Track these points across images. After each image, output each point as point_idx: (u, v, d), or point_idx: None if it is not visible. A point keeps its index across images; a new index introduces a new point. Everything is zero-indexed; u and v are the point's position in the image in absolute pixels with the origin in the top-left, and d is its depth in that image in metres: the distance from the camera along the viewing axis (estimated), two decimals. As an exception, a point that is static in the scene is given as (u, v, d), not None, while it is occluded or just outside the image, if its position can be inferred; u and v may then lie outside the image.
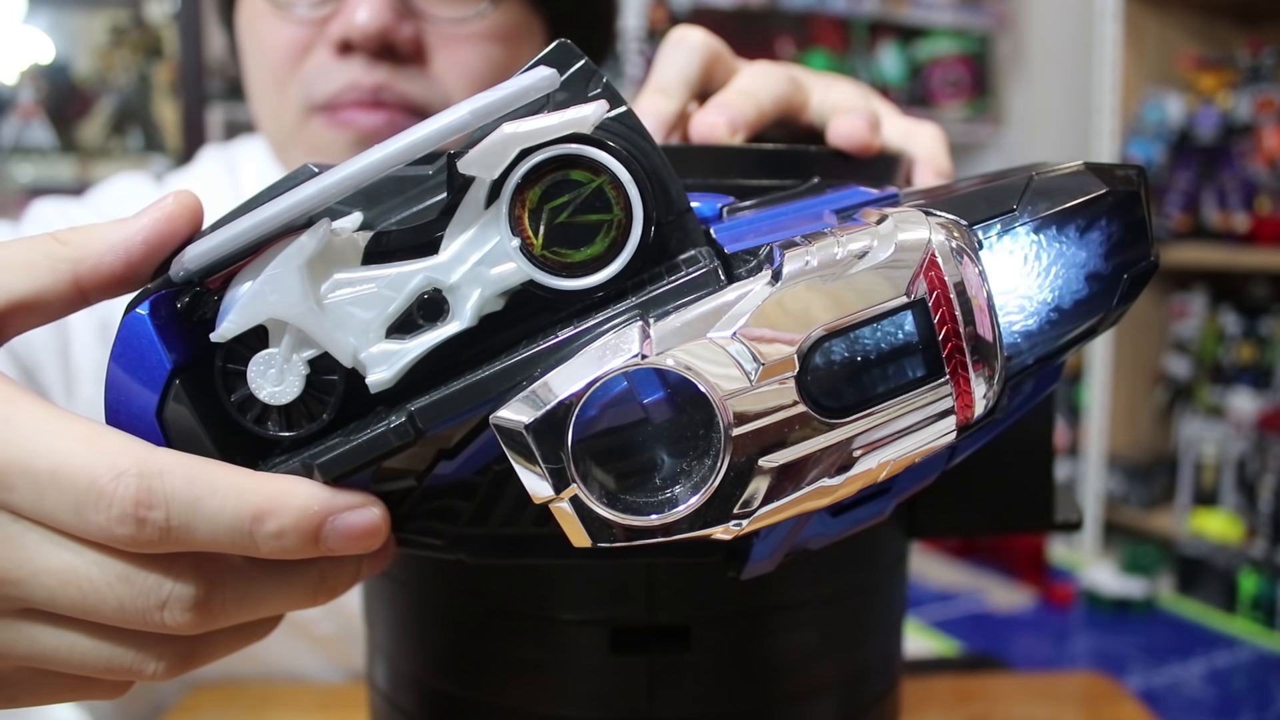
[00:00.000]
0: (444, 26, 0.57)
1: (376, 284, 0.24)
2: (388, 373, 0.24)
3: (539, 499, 0.23)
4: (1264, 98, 2.24)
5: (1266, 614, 2.11)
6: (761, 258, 0.24)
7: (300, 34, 0.57)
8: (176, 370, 0.24)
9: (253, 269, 0.24)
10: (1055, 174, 0.26)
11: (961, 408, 0.23)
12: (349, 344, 0.24)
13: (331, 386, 0.25)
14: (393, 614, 0.36)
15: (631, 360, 0.22)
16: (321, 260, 0.24)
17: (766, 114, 0.36)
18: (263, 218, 0.23)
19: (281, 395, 0.24)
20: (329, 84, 0.57)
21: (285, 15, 0.57)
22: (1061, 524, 0.36)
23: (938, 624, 2.11)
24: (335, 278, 0.24)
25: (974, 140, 2.84)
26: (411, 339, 0.24)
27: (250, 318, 0.24)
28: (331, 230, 0.24)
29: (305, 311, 0.24)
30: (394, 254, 0.25)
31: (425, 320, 0.24)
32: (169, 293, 0.25)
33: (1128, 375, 2.47)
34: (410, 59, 0.57)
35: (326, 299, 0.24)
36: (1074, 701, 0.67)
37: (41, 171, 2.26)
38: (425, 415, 0.23)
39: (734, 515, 0.23)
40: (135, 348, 0.24)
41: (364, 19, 0.54)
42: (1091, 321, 0.26)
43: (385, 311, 0.24)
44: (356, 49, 0.56)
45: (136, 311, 0.24)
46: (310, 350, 0.24)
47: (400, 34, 0.56)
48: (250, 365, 0.24)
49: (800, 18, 2.63)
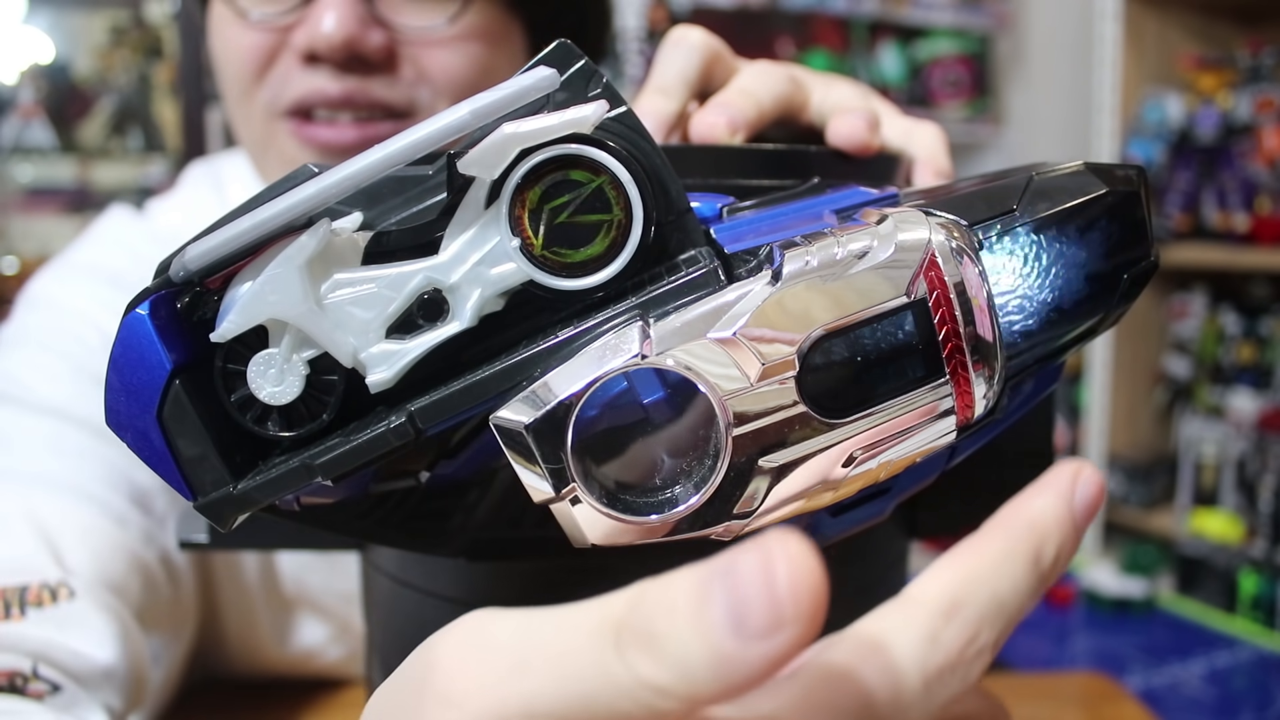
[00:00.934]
0: (412, 34, 0.55)
1: (376, 284, 0.24)
2: (387, 373, 0.24)
3: (539, 499, 0.23)
4: (1264, 98, 2.24)
5: (1266, 614, 2.11)
6: (761, 258, 0.24)
7: (264, 41, 0.55)
8: (176, 371, 0.24)
9: (253, 269, 0.24)
10: (1055, 174, 0.26)
11: (961, 408, 0.23)
12: (349, 344, 0.24)
13: (332, 386, 0.25)
14: (393, 614, 0.36)
15: (631, 360, 0.22)
16: (321, 260, 0.24)
17: (766, 114, 0.36)
18: (263, 218, 0.23)
19: (281, 395, 0.24)
20: (294, 90, 0.55)
21: (247, 22, 0.56)
22: (1061, 524, 0.36)
23: (938, 624, 2.11)
24: (335, 278, 0.24)
25: (974, 140, 2.84)
26: (411, 339, 0.24)
27: (250, 318, 0.24)
28: (331, 230, 0.24)
29: (305, 312, 0.24)
30: (394, 254, 0.25)
31: (425, 320, 0.24)
32: (169, 293, 0.25)
33: (1128, 375, 2.47)
34: (380, 67, 0.55)
35: (326, 299, 0.24)
36: (1074, 701, 0.67)
37: (41, 171, 2.27)
38: (425, 415, 0.23)
39: (734, 515, 0.23)
40: (135, 348, 0.24)
41: (329, 29, 0.52)
42: (1091, 321, 0.26)
43: (385, 312, 0.24)
44: (323, 59, 0.54)
45: (136, 312, 0.24)
46: (310, 350, 0.24)
47: (368, 43, 0.54)
48: (250, 365, 0.24)
49: (800, 18, 2.63)
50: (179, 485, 0.24)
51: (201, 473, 0.24)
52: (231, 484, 0.24)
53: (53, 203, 2.26)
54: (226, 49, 0.57)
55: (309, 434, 0.25)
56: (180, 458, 0.24)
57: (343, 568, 0.64)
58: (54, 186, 2.30)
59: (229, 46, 0.57)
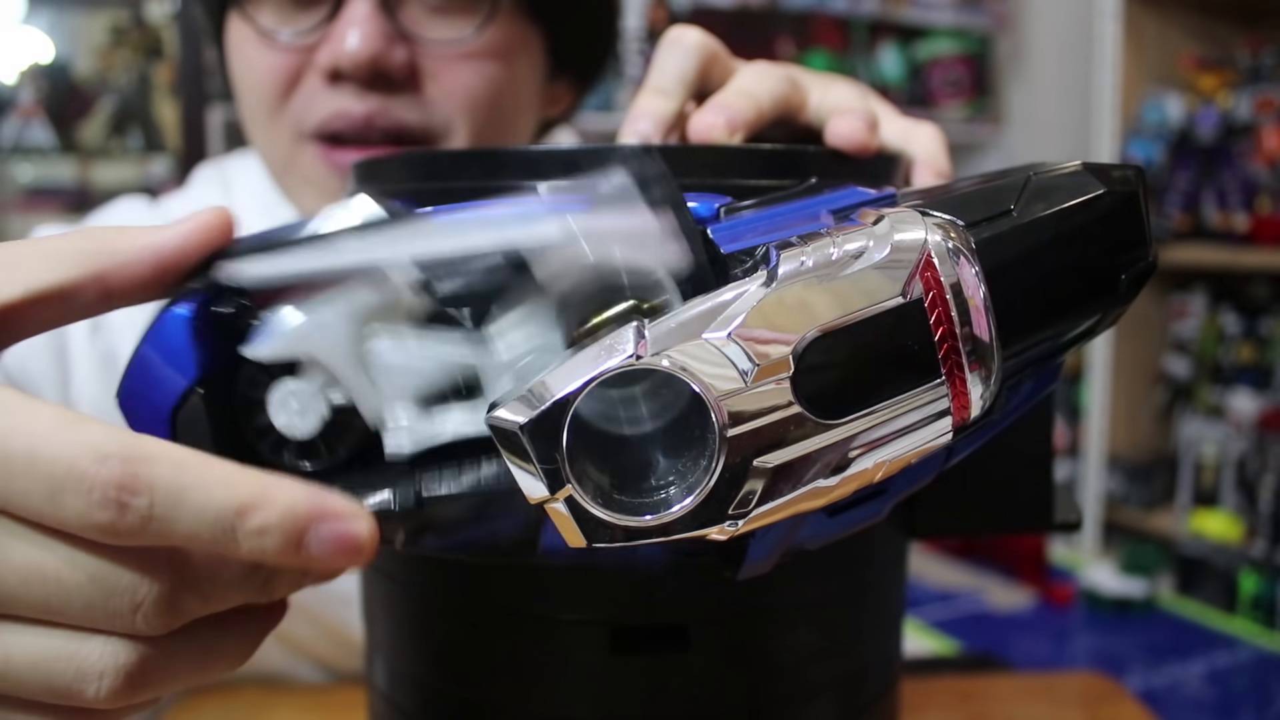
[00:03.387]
0: (438, 48, 0.54)
1: (421, 353, 0.24)
2: (405, 445, 0.24)
3: (534, 499, 0.23)
4: (1264, 98, 2.24)
5: (1266, 614, 2.11)
6: (757, 258, 0.24)
7: (288, 61, 0.55)
8: (201, 378, 0.24)
9: (305, 299, 0.24)
10: (1053, 174, 0.26)
11: (958, 408, 0.23)
12: (377, 403, 0.24)
13: (346, 432, 0.25)
14: (392, 614, 0.36)
15: (627, 360, 0.22)
16: (375, 316, 0.24)
17: (765, 114, 0.36)
18: (333, 261, 0.23)
19: (298, 429, 0.25)
20: (318, 111, 0.54)
21: (271, 43, 0.55)
22: (1061, 524, 0.36)
23: (937, 624, 2.11)
24: (383, 335, 0.24)
25: (974, 140, 2.84)
26: (439, 413, 0.24)
27: (290, 350, 0.24)
28: (392, 288, 0.24)
29: (345, 361, 0.24)
30: (446, 322, 0.25)
31: (458, 398, 0.24)
32: (210, 297, 0.25)
33: (1128, 375, 2.47)
34: (404, 85, 0.54)
35: (368, 354, 0.24)
36: (1074, 701, 0.67)
37: (41, 171, 2.27)
38: (434, 504, 0.24)
39: (729, 515, 0.23)
40: (165, 345, 0.24)
41: (353, 46, 0.51)
42: (1090, 321, 0.26)
43: (422, 382, 0.24)
44: (347, 77, 0.53)
45: (177, 311, 0.24)
46: (337, 394, 0.24)
47: (393, 60, 0.53)
48: (274, 391, 0.24)
49: (800, 18, 2.63)
50: None
51: None
52: None
53: (53, 203, 2.26)
54: (250, 71, 0.56)
55: (316, 470, 0.25)
56: None
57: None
58: (54, 186, 2.30)
59: (253, 68, 0.56)
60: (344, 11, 0.53)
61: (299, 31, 0.54)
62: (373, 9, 0.52)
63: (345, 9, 0.53)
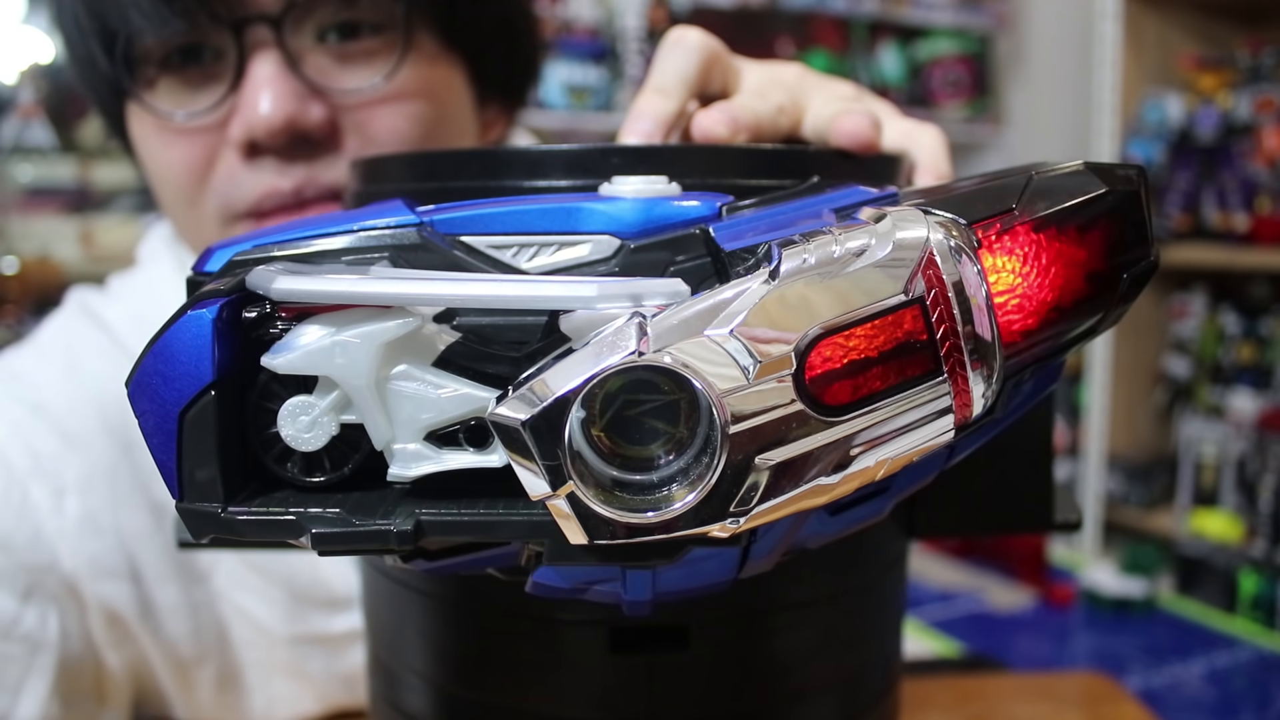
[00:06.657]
0: (353, 98, 0.50)
1: (438, 392, 0.24)
2: (409, 473, 0.24)
3: (535, 496, 0.23)
4: (1264, 98, 2.24)
5: (1266, 614, 2.11)
6: (759, 256, 0.24)
7: (198, 145, 0.51)
8: (217, 382, 0.24)
9: (331, 318, 0.24)
10: (1055, 173, 0.26)
11: (959, 407, 0.23)
12: (388, 432, 0.24)
13: (353, 450, 0.25)
14: (392, 614, 0.36)
15: (629, 357, 0.22)
16: (398, 345, 0.24)
17: (769, 121, 0.37)
18: (369, 290, 0.23)
19: (304, 443, 0.25)
20: (245, 193, 0.50)
21: (176, 128, 0.51)
22: (1061, 524, 0.36)
23: (938, 624, 2.11)
24: (403, 368, 0.24)
25: (974, 140, 2.84)
26: (445, 453, 0.25)
27: (310, 367, 0.24)
28: (419, 324, 0.24)
29: (362, 386, 0.24)
30: (465, 361, 0.25)
31: (466, 443, 0.25)
32: (235, 301, 0.25)
33: (1128, 375, 2.47)
34: (326, 144, 0.50)
35: (387, 383, 0.24)
36: (1074, 701, 0.67)
37: (41, 171, 2.26)
38: (432, 529, 0.24)
39: (731, 513, 0.23)
40: (185, 345, 0.24)
41: (266, 110, 0.48)
42: (1091, 321, 0.26)
43: (434, 420, 0.24)
44: (265, 148, 0.49)
45: (201, 313, 0.24)
46: (349, 416, 0.25)
47: (309, 119, 0.49)
48: (285, 405, 0.25)
49: (800, 18, 2.63)
50: (171, 480, 0.24)
51: (198, 482, 0.24)
52: (221, 506, 0.24)
53: (53, 203, 2.26)
54: (159, 162, 0.53)
55: (316, 485, 0.25)
56: (184, 460, 0.24)
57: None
58: (54, 186, 2.30)
59: (161, 159, 0.52)
60: (248, 76, 0.49)
61: (203, 110, 0.50)
62: (278, 68, 0.49)
63: (249, 73, 0.49)
